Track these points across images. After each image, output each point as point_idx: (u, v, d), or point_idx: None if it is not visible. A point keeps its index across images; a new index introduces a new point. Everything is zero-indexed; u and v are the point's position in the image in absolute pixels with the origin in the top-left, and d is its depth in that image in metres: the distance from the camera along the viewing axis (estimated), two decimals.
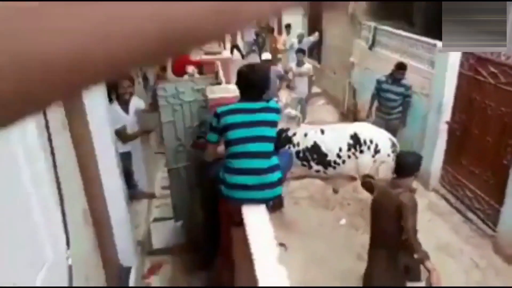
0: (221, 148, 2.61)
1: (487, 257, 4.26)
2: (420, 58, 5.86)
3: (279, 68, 7.82)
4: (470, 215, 4.90)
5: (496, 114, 4.52)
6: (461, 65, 5.11)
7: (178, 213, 4.35)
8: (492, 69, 4.57)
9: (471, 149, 4.96)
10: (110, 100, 3.77)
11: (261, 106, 2.49)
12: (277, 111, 2.57)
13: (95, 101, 2.66)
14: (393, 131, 5.77)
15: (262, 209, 2.40)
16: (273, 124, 2.52)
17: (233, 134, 2.43)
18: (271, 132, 2.51)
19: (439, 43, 5.39)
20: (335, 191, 5.51)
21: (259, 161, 2.43)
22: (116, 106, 4.04)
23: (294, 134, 4.65)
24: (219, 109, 2.47)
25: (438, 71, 5.38)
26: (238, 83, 2.55)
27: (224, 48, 8.64)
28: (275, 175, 2.47)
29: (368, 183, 3.35)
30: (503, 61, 4.43)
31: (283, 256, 4.40)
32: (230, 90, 3.43)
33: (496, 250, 4.31)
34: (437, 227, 4.82)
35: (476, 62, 4.84)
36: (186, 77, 6.12)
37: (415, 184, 5.73)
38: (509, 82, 4.32)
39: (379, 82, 5.89)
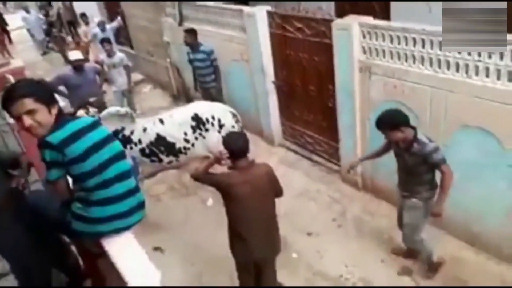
0: None
1: (340, 189, 4.82)
2: (231, 26, 5.94)
3: (93, 64, 7.02)
4: (316, 158, 5.43)
5: (311, 64, 4.96)
6: (270, 25, 5.34)
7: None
8: (297, 24, 4.91)
9: (300, 100, 5.39)
10: None
11: (91, 122, 2.10)
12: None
13: None
14: (215, 98, 5.87)
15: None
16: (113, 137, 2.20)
17: (86, 165, 1.97)
18: (119, 145, 2.19)
19: (245, 8, 5.56)
20: None
21: (122, 184, 2.10)
22: None
23: (132, 132, 4.26)
24: (54, 139, 1.91)
25: (251, 36, 5.53)
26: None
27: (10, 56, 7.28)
28: (140, 193, 2.22)
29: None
30: (305, 15, 4.83)
31: (162, 260, 4.11)
32: None
33: (344, 180, 4.90)
34: (291, 177, 5.16)
35: (282, 20, 5.13)
36: None
37: (263, 144, 6.07)
38: (313, 33, 4.71)
39: (187, 53, 6.06)
